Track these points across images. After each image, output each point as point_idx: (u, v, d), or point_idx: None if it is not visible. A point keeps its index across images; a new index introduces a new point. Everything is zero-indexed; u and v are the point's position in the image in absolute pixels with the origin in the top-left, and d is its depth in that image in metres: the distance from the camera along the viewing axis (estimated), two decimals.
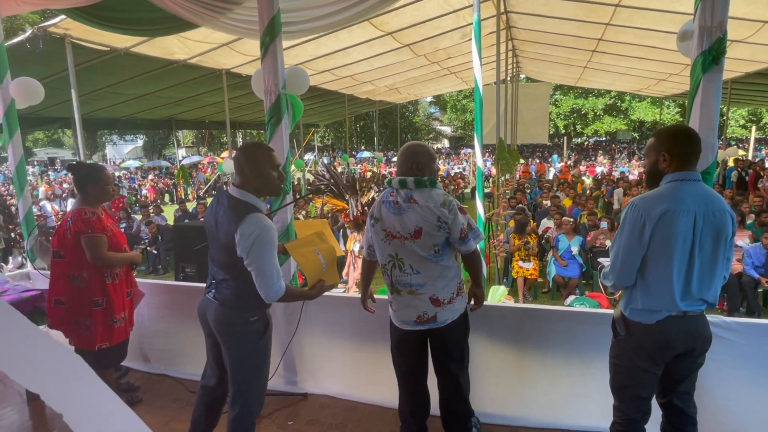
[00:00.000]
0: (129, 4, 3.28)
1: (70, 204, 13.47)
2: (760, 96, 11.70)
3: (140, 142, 43.69)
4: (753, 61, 7.78)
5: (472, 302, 2.45)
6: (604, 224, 6.81)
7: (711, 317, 2.41)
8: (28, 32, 5.36)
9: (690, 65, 2.29)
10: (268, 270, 2.00)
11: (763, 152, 23.69)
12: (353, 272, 5.72)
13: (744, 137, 27.37)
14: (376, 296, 2.72)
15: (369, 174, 22.15)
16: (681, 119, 26.28)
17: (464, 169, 24.28)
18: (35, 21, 11.67)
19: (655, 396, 2.05)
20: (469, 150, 36.81)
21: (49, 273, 3.50)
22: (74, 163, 2.95)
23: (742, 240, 6.08)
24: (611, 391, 2.06)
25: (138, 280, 3.31)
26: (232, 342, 2.14)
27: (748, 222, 6.80)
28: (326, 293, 3.18)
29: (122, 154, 45.27)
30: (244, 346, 2.14)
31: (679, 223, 1.80)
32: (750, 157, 18.67)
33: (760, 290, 5.56)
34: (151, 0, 3.03)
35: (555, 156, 28.86)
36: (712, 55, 2.15)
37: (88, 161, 3.67)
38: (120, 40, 5.98)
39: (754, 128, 22.55)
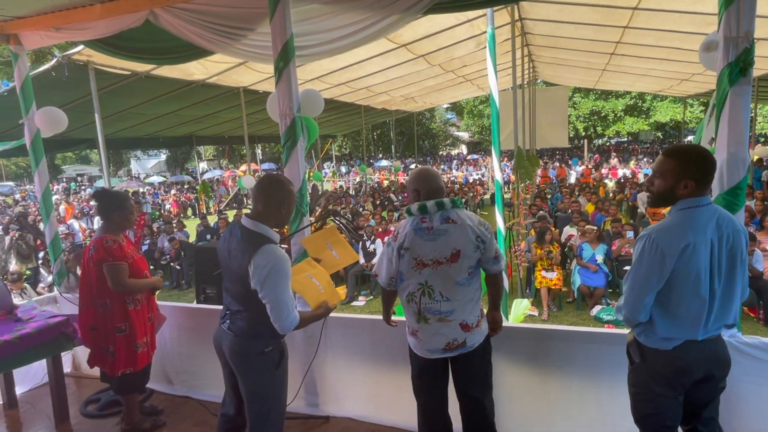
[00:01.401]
0: (146, 34, 3.36)
1: (96, 222, 13.80)
2: None
3: (163, 157, 44.81)
4: None
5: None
6: (630, 234, 6.62)
7: (748, 338, 2.31)
8: (54, 60, 5.55)
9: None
10: (282, 302, 1.99)
11: None
12: None
13: None
14: (393, 318, 2.68)
15: (386, 182, 22.19)
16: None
17: (483, 175, 24.09)
18: (64, 47, 12.11)
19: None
20: (475, 156, 36.67)
21: (73, 298, 3.61)
22: (99, 190, 3.01)
23: None
24: (635, 422, 1.97)
25: (160, 303, 3.35)
26: (248, 373, 2.13)
27: None
28: (347, 315, 3.18)
29: (146, 168, 46.49)
30: (259, 377, 2.13)
31: (701, 256, 1.73)
32: None
33: None
34: (168, 29, 3.09)
35: (575, 159, 28.35)
36: (739, 66, 2.06)
37: (113, 188, 3.70)
38: (141, 65, 6.13)
39: None
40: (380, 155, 39.44)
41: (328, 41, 3.05)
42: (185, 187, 27.32)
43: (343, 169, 35.65)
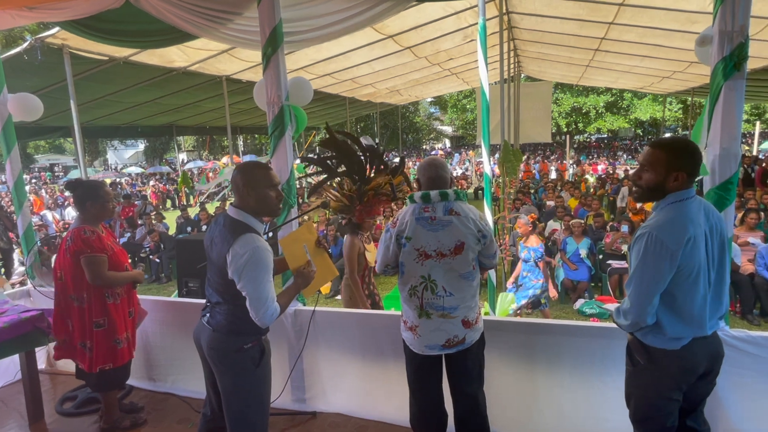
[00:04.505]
0: (126, 16, 3.20)
1: (68, 213, 13.41)
2: (765, 92, 11.57)
3: (141, 147, 43.77)
4: (759, 57, 7.68)
5: None
6: (624, 228, 6.65)
7: (736, 332, 2.34)
8: (26, 43, 5.30)
9: (694, 63, 2.20)
10: (262, 294, 1.92)
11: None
12: None
13: (747, 132, 27.17)
14: (375, 311, 2.64)
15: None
16: (683, 116, 26.10)
17: (467, 170, 24.18)
18: (35, 30, 11.64)
19: None
20: (438, 150, 36.48)
21: (48, 290, 3.47)
22: (72, 180, 2.88)
23: (755, 238, 5.97)
24: (632, 423, 1.95)
25: (141, 297, 3.24)
26: (226, 370, 2.04)
27: (761, 221, 6.66)
28: (334, 309, 3.13)
29: (123, 159, 45.40)
30: (238, 375, 2.04)
31: (701, 248, 1.72)
32: (754, 152, 18.55)
33: None
34: (149, 12, 2.96)
35: (584, 155, 28.17)
36: (733, 61, 2.05)
37: (87, 177, 3.54)
38: (119, 50, 5.92)
39: (758, 123, 22.37)
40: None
41: (317, 27, 2.95)
42: (164, 178, 26.76)
43: None
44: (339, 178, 3.22)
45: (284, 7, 2.78)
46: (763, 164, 12.10)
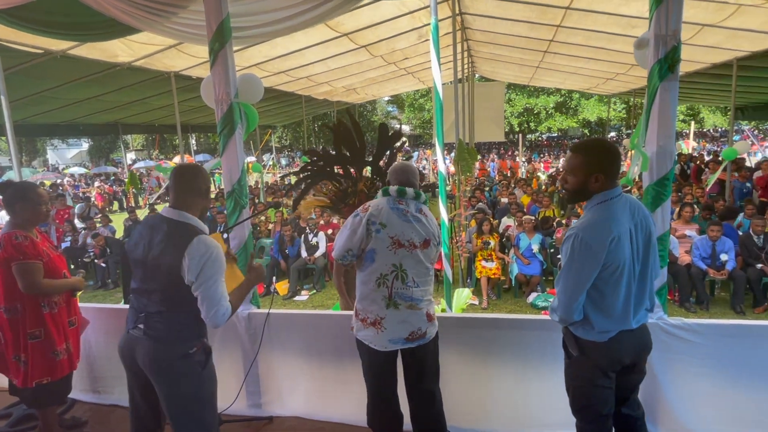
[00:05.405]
0: (60, 7, 2.99)
1: (2, 217, 12.50)
2: (698, 93, 12.38)
3: (85, 146, 41.39)
4: (691, 61, 8.21)
5: None
6: (575, 222, 6.92)
7: (673, 320, 2.48)
8: None
9: (634, 66, 2.32)
10: (216, 294, 1.89)
11: (700, 145, 25.22)
12: None
13: (683, 131, 29.04)
14: (332, 311, 2.63)
15: None
16: (626, 116, 27.54)
17: (424, 168, 24.42)
18: None
19: None
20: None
21: None
22: (3, 182, 2.68)
23: (691, 231, 6.37)
24: (573, 413, 2.03)
25: (85, 304, 3.05)
26: (173, 380, 1.96)
27: (695, 214, 7.12)
28: (290, 311, 3.07)
29: (66, 158, 42.75)
30: (188, 382, 1.97)
31: (625, 246, 1.79)
32: (690, 150, 19.83)
33: (707, 280, 5.84)
34: (86, 3, 2.78)
35: (536, 153, 29.01)
36: (667, 63, 2.18)
37: (21, 179, 3.34)
38: (55, 42, 5.55)
39: (692, 123, 23.92)
40: (321, 147, 38.88)
41: (267, 23, 2.88)
42: (111, 178, 25.44)
43: (284, 161, 34.77)
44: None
45: (232, 1, 2.70)
46: (698, 161, 12.94)
